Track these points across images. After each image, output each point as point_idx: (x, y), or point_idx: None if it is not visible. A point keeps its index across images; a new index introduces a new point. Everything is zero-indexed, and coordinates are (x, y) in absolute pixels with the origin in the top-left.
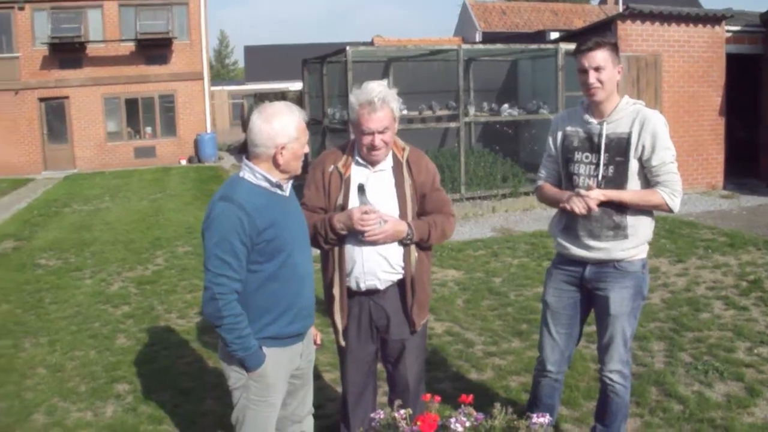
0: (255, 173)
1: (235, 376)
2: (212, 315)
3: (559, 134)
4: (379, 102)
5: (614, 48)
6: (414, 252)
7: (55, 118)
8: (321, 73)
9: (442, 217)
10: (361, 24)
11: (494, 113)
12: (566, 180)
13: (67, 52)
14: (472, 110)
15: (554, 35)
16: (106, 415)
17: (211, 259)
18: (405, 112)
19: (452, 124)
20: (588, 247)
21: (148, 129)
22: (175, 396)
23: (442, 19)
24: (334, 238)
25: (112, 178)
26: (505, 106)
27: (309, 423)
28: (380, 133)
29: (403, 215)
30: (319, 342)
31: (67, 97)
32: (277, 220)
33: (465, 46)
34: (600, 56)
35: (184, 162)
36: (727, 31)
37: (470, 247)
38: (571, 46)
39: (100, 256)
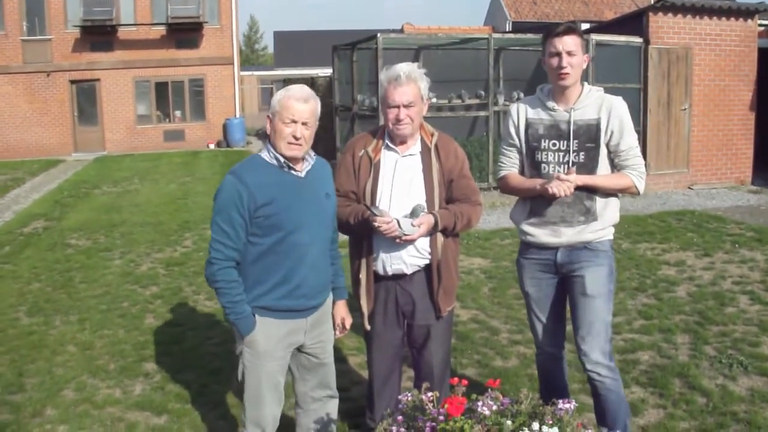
0: (269, 152)
1: (238, 341)
2: (208, 278)
3: (522, 123)
4: (405, 77)
5: (582, 36)
6: (440, 237)
7: (86, 100)
8: (351, 60)
9: (469, 206)
10: (390, 11)
11: None
12: (531, 168)
13: (98, 35)
14: (501, 99)
15: (584, 26)
16: (134, 392)
17: (212, 226)
18: (434, 100)
19: (481, 113)
20: (559, 233)
21: (178, 113)
22: (202, 376)
23: (472, 8)
24: (365, 231)
25: (141, 160)
26: None
27: (333, 405)
28: (405, 107)
29: (429, 200)
30: (347, 327)
31: (98, 80)
32: (279, 198)
33: (495, 35)
34: (572, 41)
35: (212, 146)
36: (760, 25)
37: (497, 236)
38: (603, 38)
39: (129, 237)
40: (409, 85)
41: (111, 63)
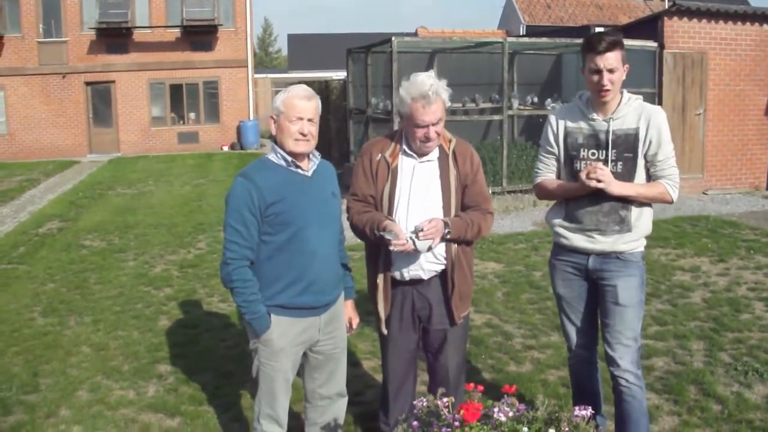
0: (277, 153)
1: (252, 338)
2: (224, 279)
3: (561, 131)
4: (433, 95)
5: (623, 47)
6: (454, 243)
7: (101, 102)
8: (365, 63)
9: (479, 215)
10: (405, 14)
11: (538, 107)
12: (569, 177)
13: (114, 37)
14: (515, 103)
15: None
16: (147, 394)
17: (226, 228)
18: (448, 103)
19: (495, 117)
20: (593, 241)
21: (192, 115)
22: (216, 378)
23: (486, 12)
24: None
25: (155, 162)
26: (549, 100)
27: (341, 405)
28: (434, 125)
29: (446, 206)
30: (354, 326)
31: (113, 82)
32: (287, 196)
33: (510, 39)
34: (614, 58)
35: (226, 148)
36: None
37: (511, 241)
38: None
39: (143, 238)
40: (437, 103)
41: (126, 65)
